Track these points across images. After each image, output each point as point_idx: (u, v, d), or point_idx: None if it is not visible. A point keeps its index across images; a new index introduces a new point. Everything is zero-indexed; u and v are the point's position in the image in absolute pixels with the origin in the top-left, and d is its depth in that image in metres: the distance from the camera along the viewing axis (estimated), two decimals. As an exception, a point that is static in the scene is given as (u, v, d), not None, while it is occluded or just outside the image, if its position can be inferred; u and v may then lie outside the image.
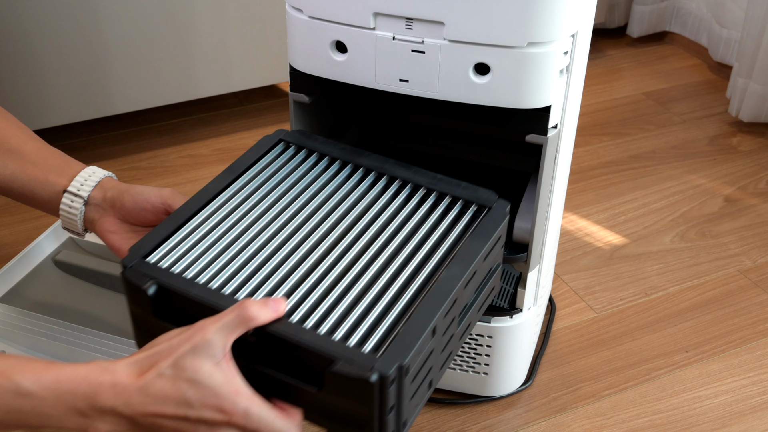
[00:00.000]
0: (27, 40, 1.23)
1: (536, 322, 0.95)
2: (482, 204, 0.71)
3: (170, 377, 0.56)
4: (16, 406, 0.56)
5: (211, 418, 0.57)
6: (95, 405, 0.56)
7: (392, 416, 0.59)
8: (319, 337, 0.59)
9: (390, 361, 0.57)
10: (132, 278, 0.63)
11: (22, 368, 0.57)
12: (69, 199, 0.77)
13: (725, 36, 1.63)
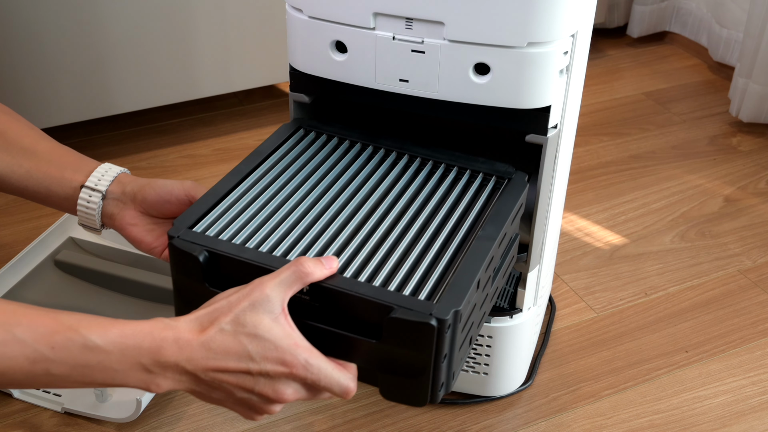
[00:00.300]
0: (27, 40, 1.23)
1: (536, 322, 0.95)
2: (502, 176, 0.76)
3: (231, 332, 0.58)
4: (83, 361, 0.57)
5: (272, 371, 0.58)
6: (158, 360, 0.57)
7: (445, 364, 0.61)
8: (375, 288, 0.61)
9: (446, 307, 0.59)
10: (182, 246, 0.64)
11: (88, 323, 0.57)
12: (87, 194, 0.78)
13: (725, 36, 1.63)
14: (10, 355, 0.56)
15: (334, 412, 0.93)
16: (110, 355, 0.57)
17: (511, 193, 0.74)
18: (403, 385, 0.63)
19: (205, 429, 0.90)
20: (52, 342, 0.57)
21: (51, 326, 0.57)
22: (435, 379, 0.62)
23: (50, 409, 0.91)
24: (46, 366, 0.57)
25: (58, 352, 0.56)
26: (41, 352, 0.56)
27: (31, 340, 0.56)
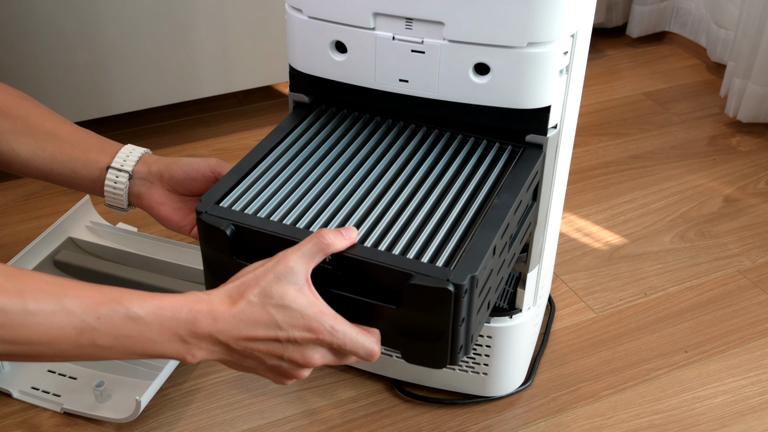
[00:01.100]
0: (27, 40, 1.23)
1: (536, 323, 0.95)
2: (517, 144, 0.77)
3: (259, 304, 0.61)
4: (125, 331, 0.60)
5: (300, 337, 0.62)
6: (194, 331, 0.61)
7: (463, 328, 0.64)
8: (394, 256, 0.64)
9: (463, 273, 0.62)
10: (210, 221, 0.67)
11: (130, 295, 0.60)
12: (114, 175, 0.80)
13: (722, 36, 1.64)
14: (60, 325, 0.58)
15: (333, 412, 0.93)
16: (150, 325, 0.60)
17: (526, 161, 0.74)
18: (424, 349, 0.65)
19: (205, 429, 0.90)
20: (98, 312, 0.59)
21: (96, 298, 0.59)
22: (454, 342, 0.65)
23: (50, 409, 0.91)
24: (92, 336, 0.59)
25: (104, 323, 0.59)
26: (88, 322, 0.59)
27: (78, 310, 0.58)
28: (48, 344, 0.58)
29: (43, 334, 0.58)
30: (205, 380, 0.96)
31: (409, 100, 0.75)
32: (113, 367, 0.94)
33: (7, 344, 0.57)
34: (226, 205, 0.70)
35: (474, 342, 0.68)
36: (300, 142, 0.79)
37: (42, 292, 0.58)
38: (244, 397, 0.94)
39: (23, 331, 0.57)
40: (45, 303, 0.58)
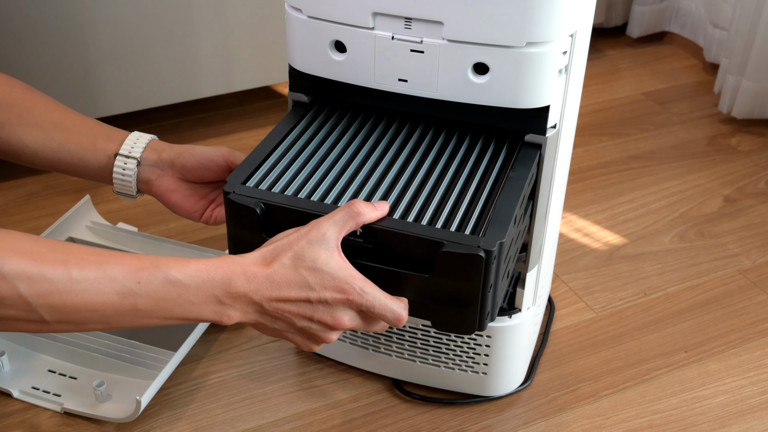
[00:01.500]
0: (24, 41, 1.23)
1: (535, 322, 0.95)
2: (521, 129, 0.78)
3: (291, 266, 0.64)
4: (165, 294, 0.62)
5: (330, 298, 0.64)
6: (230, 291, 0.63)
7: (490, 294, 0.68)
8: (423, 227, 0.67)
9: (492, 240, 0.65)
10: (239, 201, 0.69)
11: (167, 261, 0.63)
12: (122, 162, 0.82)
13: (717, 36, 1.64)
14: (103, 291, 0.61)
15: (333, 412, 0.93)
16: (188, 288, 0.63)
17: (533, 141, 0.77)
18: (454, 315, 0.68)
19: (205, 429, 0.90)
20: (139, 277, 0.62)
21: (136, 264, 0.62)
22: (482, 307, 0.68)
23: (50, 409, 0.91)
24: (134, 301, 0.62)
25: (144, 287, 0.62)
26: (129, 287, 0.61)
27: (120, 276, 0.61)
28: (93, 311, 0.61)
29: (89, 301, 0.60)
30: (205, 380, 0.96)
31: (408, 99, 0.75)
32: (113, 367, 0.94)
33: (55, 312, 0.60)
34: (251, 185, 0.72)
35: (497, 309, 0.72)
36: (313, 127, 0.81)
37: (84, 260, 0.60)
38: (244, 397, 0.94)
39: (69, 298, 0.60)
40: (88, 271, 0.60)
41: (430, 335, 0.89)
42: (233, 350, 1.00)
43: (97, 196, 1.27)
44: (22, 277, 0.58)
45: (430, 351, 0.91)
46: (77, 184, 1.31)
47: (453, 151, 0.78)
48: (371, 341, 0.93)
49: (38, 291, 0.59)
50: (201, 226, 1.22)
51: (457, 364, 0.91)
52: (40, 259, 0.59)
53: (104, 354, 0.94)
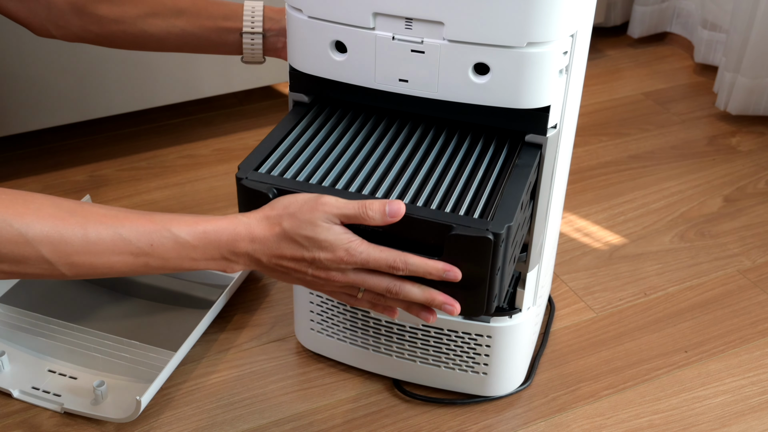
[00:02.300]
0: (25, 40, 1.23)
1: (535, 322, 0.95)
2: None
3: (292, 231, 0.68)
4: (174, 254, 0.68)
5: (324, 258, 0.68)
6: (234, 251, 0.69)
7: (498, 277, 0.69)
8: (433, 211, 0.69)
9: (500, 223, 0.67)
10: (252, 186, 0.72)
11: (178, 222, 0.68)
12: (249, 38, 0.91)
13: (706, 37, 1.64)
14: (118, 251, 0.66)
15: (333, 412, 0.93)
16: (196, 248, 0.68)
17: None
18: (463, 298, 0.70)
19: (205, 429, 0.90)
20: (151, 239, 0.67)
21: (148, 226, 0.67)
22: (491, 290, 0.69)
23: (50, 409, 0.91)
24: (146, 260, 0.67)
25: (155, 248, 0.67)
26: (142, 249, 0.67)
27: (134, 238, 0.66)
28: (109, 267, 0.67)
29: (105, 260, 0.66)
30: (205, 380, 0.96)
31: (408, 99, 0.75)
32: (113, 367, 0.94)
33: (74, 268, 0.66)
34: (264, 171, 0.74)
35: (504, 292, 0.73)
36: (315, 124, 0.82)
37: (101, 224, 0.66)
38: (244, 397, 0.94)
39: (87, 258, 0.65)
40: (104, 233, 0.66)
41: (431, 335, 0.89)
42: (233, 350, 1.00)
43: (97, 196, 1.27)
44: (45, 242, 0.64)
45: (431, 351, 0.91)
46: (77, 185, 1.31)
47: (455, 148, 0.79)
48: (371, 341, 0.93)
49: (59, 252, 0.64)
50: (201, 226, 1.22)
51: (458, 364, 0.91)
52: (61, 224, 0.64)
53: (104, 354, 0.94)
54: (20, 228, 0.63)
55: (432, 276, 0.68)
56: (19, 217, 0.63)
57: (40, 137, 1.41)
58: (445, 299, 0.70)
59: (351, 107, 0.84)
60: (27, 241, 0.63)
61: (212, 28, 0.91)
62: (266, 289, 1.10)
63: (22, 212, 0.63)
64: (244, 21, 0.91)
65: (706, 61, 1.67)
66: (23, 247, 0.63)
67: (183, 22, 0.91)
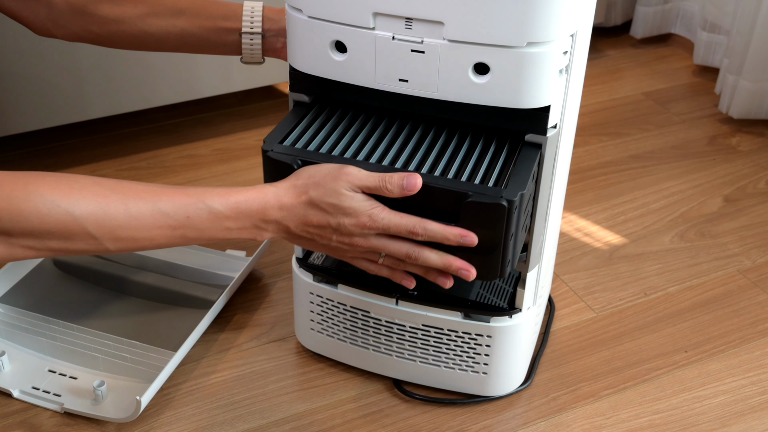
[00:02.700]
0: (25, 40, 1.23)
1: (536, 322, 0.95)
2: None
3: (318, 198, 0.72)
4: (209, 225, 0.72)
5: (348, 223, 0.72)
6: (264, 218, 0.73)
7: (511, 243, 0.73)
8: (449, 180, 0.73)
9: (513, 191, 0.71)
10: (278, 158, 0.75)
11: (211, 194, 0.72)
12: (248, 39, 0.91)
13: (705, 39, 1.64)
14: (157, 225, 0.70)
15: (333, 412, 0.93)
16: (229, 218, 0.72)
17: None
18: (478, 263, 0.73)
19: (205, 429, 0.90)
20: (187, 212, 0.71)
21: (184, 200, 0.71)
22: (504, 255, 0.73)
23: (50, 409, 0.91)
24: (183, 231, 0.71)
25: (191, 220, 0.71)
26: (179, 221, 0.71)
27: (171, 212, 0.70)
28: (149, 240, 0.71)
29: (145, 233, 0.70)
30: (205, 380, 0.96)
31: (408, 99, 0.75)
32: (113, 367, 0.94)
33: (117, 242, 0.70)
34: (288, 144, 0.77)
35: (516, 259, 0.76)
36: (319, 121, 0.83)
37: (141, 199, 0.70)
38: (244, 397, 0.94)
39: (129, 232, 0.70)
40: (144, 208, 0.70)
41: (431, 335, 0.89)
42: (233, 350, 1.00)
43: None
44: (90, 219, 0.68)
45: (431, 351, 0.91)
46: (77, 184, 1.31)
47: (455, 148, 0.79)
48: (371, 341, 0.93)
49: (104, 228, 0.69)
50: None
51: (458, 363, 0.91)
52: (104, 201, 0.68)
53: (104, 354, 0.94)
54: (67, 207, 0.67)
55: (449, 241, 0.72)
56: (66, 197, 0.67)
57: (40, 137, 1.41)
58: (462, 264, 0.73)
59: (351, 107, 0.84)
60: (74, 218, 0.67)
61: (211, 29, 0.92)
62: (266, 289, 1.10)
63: (67, 192, 0.67)
64: (243, 21, 0.91)
65: (705, 62, 1.67)
66: (71, 225, 0.67)
67: (183, 22, 0.91)
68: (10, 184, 0.66)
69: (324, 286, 0.91)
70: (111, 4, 0.90)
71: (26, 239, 0.67)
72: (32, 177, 0.68)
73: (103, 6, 0.90)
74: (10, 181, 0.67)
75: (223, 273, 1.09)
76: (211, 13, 0.92)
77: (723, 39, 1.62)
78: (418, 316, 0.88)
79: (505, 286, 0.95)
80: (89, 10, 0.90)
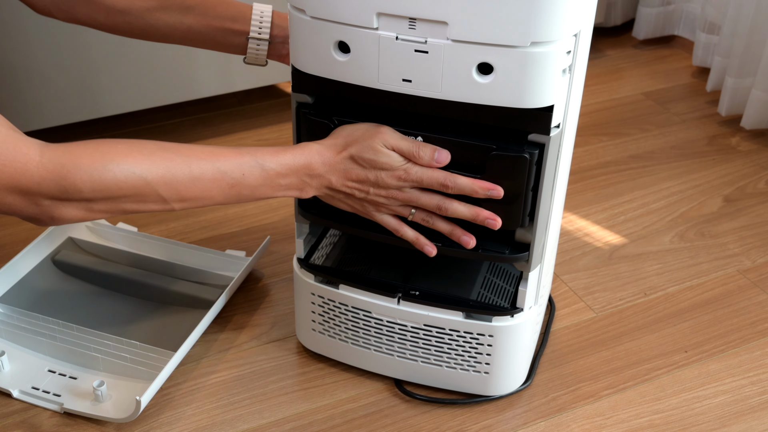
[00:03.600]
0: (25, 40, 1.23)
1: (537, 322, 0.95)
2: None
3: (357, 154, 0.78)
4: (262, 181, 0.78)
5: (385, 175, 0.78)
6: (310, 173, 0.79)
7: (531, 196, 0.79)
8: (475, 136, 0.77)
9: (534, 146, 0.76)
10: (318, 117, 0.80)
11: (263, 153, 0.78)
12: (255, 43, 0.92)
13: (703, 40, 1.64)
14: (217, 183, 0.76)
15: (333, 412, 0.93)
16: (280, 174, 0.78)
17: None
18: (502, 212, 0.79)
19: (205, 429, 0.90)
20: (243, 170, 0.77)
21: (239, 159, 0.77)
22: (524, 206, 0.79)
23: (50, 409, 0.91)
24: (239, 189, 0.77)
25: (247, 178, 0.77)
26: (236, 179, 0.77)
27: (229, 170, 0.76)
28: (210, 197, 0.77)
29: (207, 191, 0.76)
30: (205, 380, 0.96)
31: (412, 99, 0.75)
32: (113, 367, 0.93)
33: (182, 201, 0.76)
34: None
35: (536, 214, 0.80)
36: None
37: (202, 160, 0.76)
38: (244, 397, 0.94)
39: (193, 191, 0.76)
40: (206, 168, 0.76)
41: (432, 335, 0.89)
42: (233, 350, 1.00)
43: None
44: (160, 182, 0.74)
45: (432, 351, 0.91)
46: (76, 184, 1.31)
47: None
48: (372, 341, 0.93)
49: (171, 189, 0.75)
50: (201, 226, 1.22)
51: (459, 363, 0.91)
52: (171, 164, 0.74)
53: (104, 354, 0.94)
54: (141, 173, 0.73)
55: (477, 194, 0.78)
56: (139, 164, 0.73)
57: (41, 137, 1.40)
58: (489, 214, 0.79)
59: (354, 107, 0.84)
60: (147, 183, 0.73)
61: (219, 29, 0.92)
62: (266, 289, 1.10)
63: (140, 159, 0.73)
64: (252, 26, 0.91)
65: (704, 64, 1.67)
66: (144, 189, 0.74)
67: (190, 20, 0.91)
68: (89, 156, 0.72)
69: (325, 287, 0.91)
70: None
71: (105, 203, 0.74)
72: (108, 146, 0.73)
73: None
74: (89, 153, 0.72)
75: (223, 273, 1.09)
76: (219, 13, 0.91)
77: (723, 40, 1.62)
78: (420, 316, 0.88)
79: (506, 285, 0.95)
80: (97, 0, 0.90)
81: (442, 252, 0.83)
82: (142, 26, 0.92)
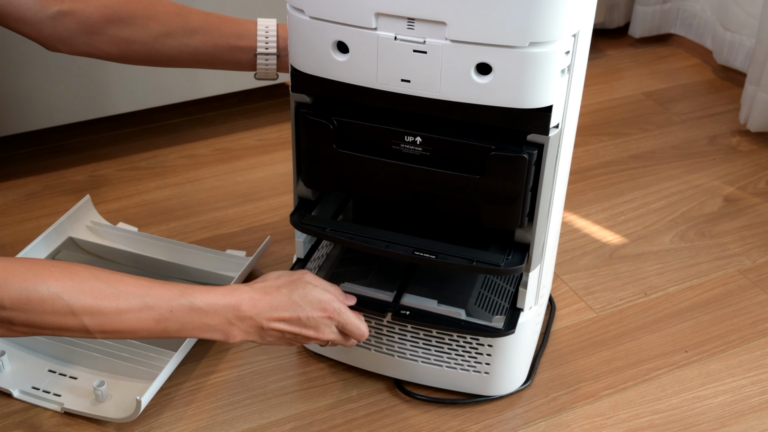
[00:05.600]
0: (25, 40, 1.23)
1: (537, 322, 0.95)
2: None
3: (287, 295, 0.81)
4: (189, 319, 0.77)
5: (317, 316, 0.81)
6: (238, 314, 0.79)
7: (530, 196, 0.79)
8: (474, 137, 0.77)
9: (533, 147, 0.76)
10: (316, 117, 0.79)
11: (192, 290, 0.77)
12: (264, 59, 0.93)
13: (729, 39, 1.63)
14: (143, 319, 0.75)
15: (333, 412, 0.93)
16: (207, 314, 0.77)
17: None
18: (501, 213, 0.79)
19: (205, 429, 0.90)
20: (171, 307, 0.76)
21: (168, 295, 0.76)
22: (524, 206, 0.79)
23: (50, 409, 0.91)
24: (165, 325, 0.76)
25: (174, 314, 0.76)
26: (163, 315, 0.76)
27: (157, 306, 0.75)
28: (133, 332, 0.75)
29: (131, 326, 0.75)
30: (205, 380, 0.96)
31: (410, 99, 0.75)
32: (113, 367, 0.94)
33: (105, 333, 0.75)
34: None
35: (535, 214, 0.80)
36: None
37: (131, 294, 0.74)
38: (244, 397, 0.94)
39: (117, 325, 0.74)
40: (133, 303, 0.74)
41: (433, 336, 0.89)
42: (233, 350, 1.00)
43: (97, 196, 1.27)
44: (87, 313, 0.73)
45: (433, 351, 0.91)
46: (77, 185, 1.31)
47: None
48: (373, 341, 0.93)
49: (96, 321, 0.73)
50: (201, 226, 1.22)
51: (460, 363, 0.91)
52: (99, 296, 0.73)
53: (104, 354, 0.94)
54: (69, 300, 0.72)
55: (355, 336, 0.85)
56: (68, 291, 0.72)
57: (40, 137, 1.41)
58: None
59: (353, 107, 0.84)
60: (73, 312, 0.72)
61: (225, 47, 0.92)
62: (266, 288, 1.10)
63: (70, 286, 0.72)
64: (258, 41, 0.91)
65: (728, 63, 1.64)
66: (69, 318, 0.72)
67: (196, 42, 0.91)
68: (20, 274, 0.71)
69: (325, 286, 0.91)
70: (123, 25, 0.89)
71: (25, 327, 0.72)
72: (41, 267, 0.72)
73: (114, 26, 0.89)
74: (20, 271, 0.71)
75: (223, 273, 1.09)
76: (224, 32, 0.91)
77: (741, 39, 1.59)
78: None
79: (506, 286, 0.95)
80: (100, 30, 0.89)
81: (435, 265, 0.83)
82: (148, 52, 0.91)
